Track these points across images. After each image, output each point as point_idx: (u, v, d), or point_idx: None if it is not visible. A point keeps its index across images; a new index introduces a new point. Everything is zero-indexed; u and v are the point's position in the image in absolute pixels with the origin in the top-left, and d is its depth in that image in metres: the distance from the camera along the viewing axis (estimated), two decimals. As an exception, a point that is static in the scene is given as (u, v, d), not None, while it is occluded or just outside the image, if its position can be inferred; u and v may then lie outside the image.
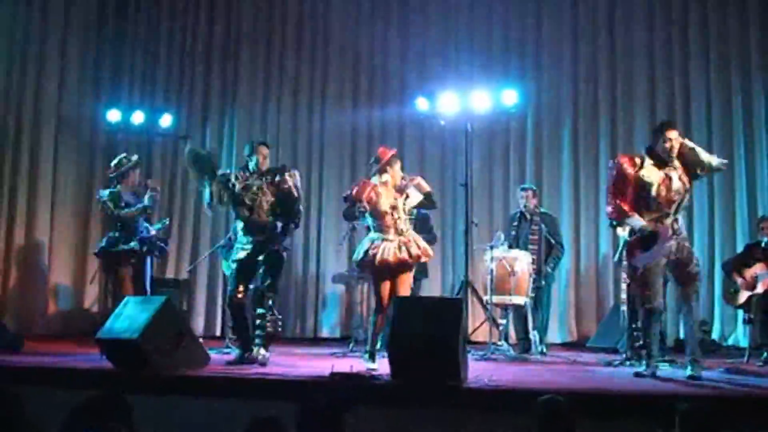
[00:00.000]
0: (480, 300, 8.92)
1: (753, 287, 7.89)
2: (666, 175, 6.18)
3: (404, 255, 6.72)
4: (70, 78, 11.22)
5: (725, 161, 6.53)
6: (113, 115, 10.91)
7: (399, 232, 6.78)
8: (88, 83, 11.46)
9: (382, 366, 6.17)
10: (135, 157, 8.47)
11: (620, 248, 7.87)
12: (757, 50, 10.06)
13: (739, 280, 7.97)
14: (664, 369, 6.67)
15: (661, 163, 6.20)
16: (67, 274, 11.08)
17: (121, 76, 11.86)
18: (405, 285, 6.83)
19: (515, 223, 8.69)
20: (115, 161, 8.46)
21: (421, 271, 8.73)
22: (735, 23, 10.18)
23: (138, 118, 10.93)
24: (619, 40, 10.65)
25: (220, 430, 5.04)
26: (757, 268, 7.93)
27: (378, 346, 8.46)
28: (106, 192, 8.32)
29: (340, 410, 3.80)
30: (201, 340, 7.33)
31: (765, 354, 7.64)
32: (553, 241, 8.73)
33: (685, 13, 10.41)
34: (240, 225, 7.11)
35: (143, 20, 12.00)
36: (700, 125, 10.12)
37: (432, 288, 10.22)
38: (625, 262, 7.60)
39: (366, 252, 6.76)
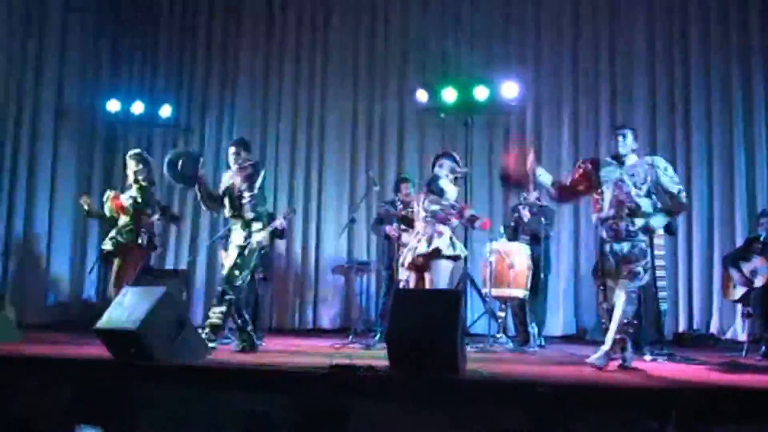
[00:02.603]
0: (479, 292, 8.93)
1: (751, 282, 7.88)
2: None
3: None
4: (70, 68, 11.22)
5: None
6: (113, 106, 10.94)
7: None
8: (88, 73, 11.47)
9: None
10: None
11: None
12: (758, 45, 10.05)
13: (736, 276, 7.96)
14: (663, 362, 6.70)
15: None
16: (66, 265, 11.10)
17: (120, 66, 11.88)
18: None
19: (516, 215, 8.69)
20: None
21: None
22: (736, 15, 10.16)
23: (138, 108, 10.95)
24: (620, 33, 10.65)
25: (218, 420, 5.04)
26: (757, 262, 7.91)
27: (377, 338, 8.51)
28: None
29: (343, 404, 3.79)
30: (200, 330, 7.34)
31: (763, 348, 7.64)
32: (549, 233, 8.74)
33: (686, 5, 10.40)
34: None
35: (143, 10, 12.00)
36: (700, 120, 10.12)
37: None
38: None
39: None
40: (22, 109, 10.73)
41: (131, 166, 8.14)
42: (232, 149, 7.35)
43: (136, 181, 8.12)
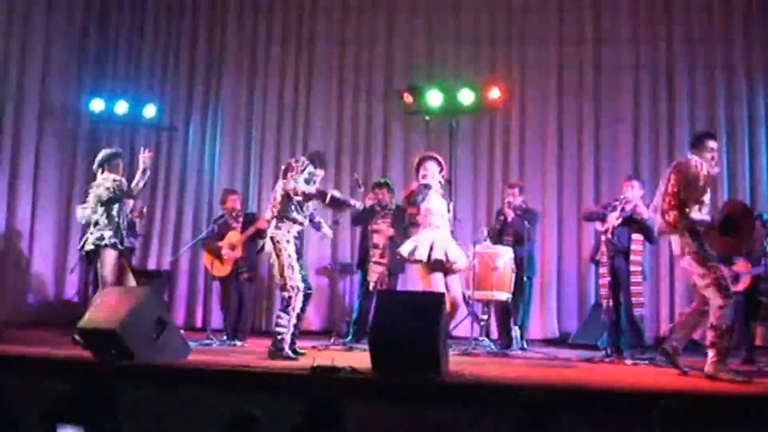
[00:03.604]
0: (462, 295, 8.92)
1: (735, 280, 7.91)
2: None
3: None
4: (54, 66, 11.14)
5: None
6: (96, 105, 10.88)
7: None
8: (72, 72, 11.39)
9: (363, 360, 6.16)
10: None
11: (593, 246, 7.97)
12: (740, 45, 10.15)
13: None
14: (644, 366, 6.73)
15: None
16: (48, 264, 11.02)
17: (104, 65, 11.80)
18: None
19: (501, 217, 8.68)
20: None
21: (401, 266, 8.75)
22: (720, 22, 10.24)
23: (121, 108, 10.89)
24: (605, 35, 10.70)
25: (199, 420, 5.02)
26: (738, 267, 7.96)
27: (349, 337, 8.58)
28: None
29: (324, 405, 3.78)
30: (182, 331, 7.31)
31: (744, 353, 7.68)
32: (533, 235, 8.74)
33: (670, 9, 10.47)
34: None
35: (128, 9, 11.93)
36: (683, 123, 10.18)
37: (413, 283, 10.22)
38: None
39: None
40: (4, 107, 10.63)
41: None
42: None
43: None
